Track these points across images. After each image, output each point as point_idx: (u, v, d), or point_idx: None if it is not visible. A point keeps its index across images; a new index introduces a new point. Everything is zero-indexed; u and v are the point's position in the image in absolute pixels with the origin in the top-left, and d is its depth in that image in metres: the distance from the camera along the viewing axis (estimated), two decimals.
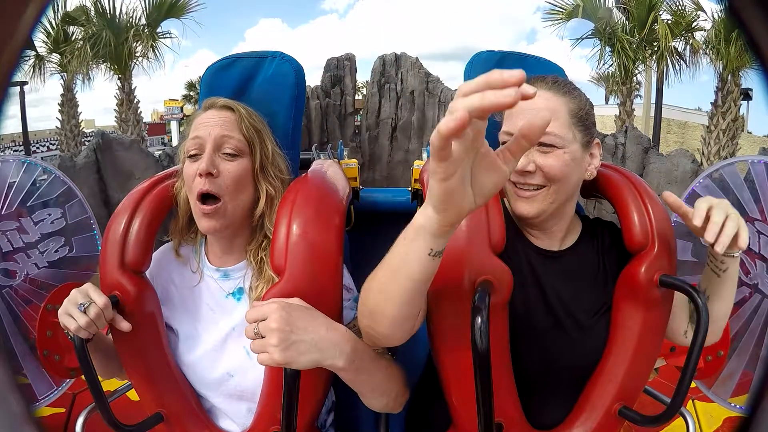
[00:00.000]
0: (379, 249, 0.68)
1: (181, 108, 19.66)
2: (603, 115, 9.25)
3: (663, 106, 8.81)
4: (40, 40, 7.36)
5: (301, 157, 1.13)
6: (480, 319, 0.68)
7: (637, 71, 7.69)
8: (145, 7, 7.68)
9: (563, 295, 0.87)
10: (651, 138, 6.99)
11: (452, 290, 0.76)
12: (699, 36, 7.27)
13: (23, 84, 8.00)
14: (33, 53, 7.52)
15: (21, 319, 1.45)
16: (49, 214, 1.53)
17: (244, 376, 0.90)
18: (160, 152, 6.66)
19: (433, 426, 0.94)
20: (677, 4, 7.20)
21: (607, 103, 12.42)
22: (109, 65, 7.66)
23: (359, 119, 7.22)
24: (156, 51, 7.87)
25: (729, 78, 6.83)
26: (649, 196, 0.89)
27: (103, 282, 0.89)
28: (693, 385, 1.42)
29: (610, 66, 7.69)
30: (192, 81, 21.41)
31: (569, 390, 0.90)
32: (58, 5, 7.24)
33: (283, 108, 1.06)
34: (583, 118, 0.85)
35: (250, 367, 0.89)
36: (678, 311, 0.91)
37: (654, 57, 7.49)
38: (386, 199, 1.48)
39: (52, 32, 7.48)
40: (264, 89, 1.07)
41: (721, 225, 0.75)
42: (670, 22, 7.16)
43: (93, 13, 7.56)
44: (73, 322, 0.80)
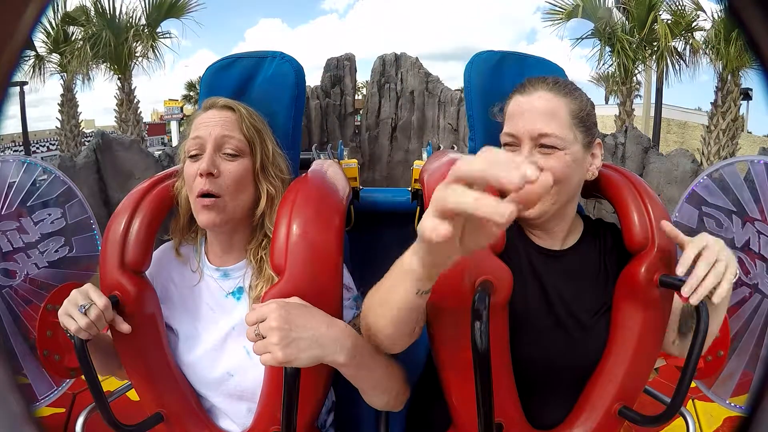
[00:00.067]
0: (379, 249, 0.68)
1: (181, 108, 19.68)
2: (603, 115, 9.24)
3: (663, 106, 8.81)
4: (40, 40, 7.37)
5: (301, 157, 1.13)
6: (480, 320, 0.68)
7: (636, 71, 7.69)
8: (145, 7, 7.68)
9: (565, 294, 0.87)
10: (651, 138, 6.98)
11: (452, 290, 0.76)
12: (699, 36, 7.29)
13: (23, 84, 8.00)
14: (33, 53, 7.53)
15: (21, 319, 1.45)
16: (49, 214, 1.53)
17: (244, 375, 0.90)
18: (160, 152, 6.66)
19: (433, 426, 0.94)
20: (677, 4, 7.22)
21: (607, 103, 12.44)
22: (108, 65, 7.67)
23: (359, 119, 7.23)
24: (156, 51, 7.88)
25: (729, 78, 6.84)
26: (649, 196, 0.89)
27: (103, 282, 0.89)
28: (693, 385, 1.42)
29: (610, 66, 7.70)
30: (192, 81, 21.44)
31: (569, 390, 0.90)
32: (58, 5, 7.25)
33: (283, 108, 1.06)
34: (584, 119, 0.85)
35: (250, 367, 0.89)
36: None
37: (654, 57, 7.50)
38: (386, 199, 1.48)
39: (52, 32, 7.48)
40: (264, 89, 1.07)
41: (702, 278, 0.73)
42: (669, 22, 7.16)
43: (93, 13, 7.56)
44: (73, 323, 0.80)
